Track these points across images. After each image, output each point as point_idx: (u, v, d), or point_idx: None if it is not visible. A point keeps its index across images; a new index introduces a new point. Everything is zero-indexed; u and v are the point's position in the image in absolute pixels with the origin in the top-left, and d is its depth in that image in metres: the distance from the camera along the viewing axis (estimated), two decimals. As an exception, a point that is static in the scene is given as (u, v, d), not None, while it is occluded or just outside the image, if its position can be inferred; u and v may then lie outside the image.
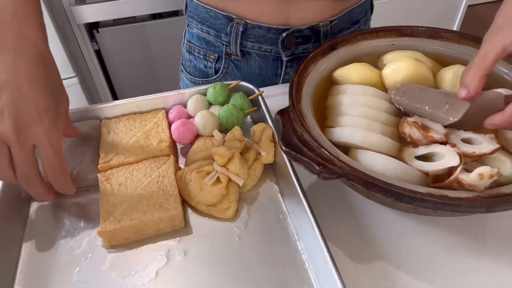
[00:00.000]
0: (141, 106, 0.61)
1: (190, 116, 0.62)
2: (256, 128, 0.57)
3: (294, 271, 0.45)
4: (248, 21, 0.67)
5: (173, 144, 0.59)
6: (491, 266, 0.46)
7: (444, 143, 0.44)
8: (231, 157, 0.52)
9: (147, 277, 0.45)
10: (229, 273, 0.46)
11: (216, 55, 0.74)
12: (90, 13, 1.37)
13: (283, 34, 0.68)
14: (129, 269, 0.46)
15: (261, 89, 0.63)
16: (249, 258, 0.47)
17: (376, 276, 0.46)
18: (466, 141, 0.45)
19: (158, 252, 0.48)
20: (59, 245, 0.49)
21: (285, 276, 0.45)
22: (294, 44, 0.70)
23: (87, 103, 1.53)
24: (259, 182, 0.55)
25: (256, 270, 0.46)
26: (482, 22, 2.55)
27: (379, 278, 0.45)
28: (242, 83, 0.63)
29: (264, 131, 0.56)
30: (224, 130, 0.59)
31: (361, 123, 0.48)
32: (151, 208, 0.48)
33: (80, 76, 1.47)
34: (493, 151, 0.43)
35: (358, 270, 0.46)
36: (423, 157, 0.45)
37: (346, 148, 0.47)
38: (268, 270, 0.46)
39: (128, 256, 0.48)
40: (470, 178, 0.39)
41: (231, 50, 0.72)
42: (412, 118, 0.48)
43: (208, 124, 0.58)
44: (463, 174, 0.40)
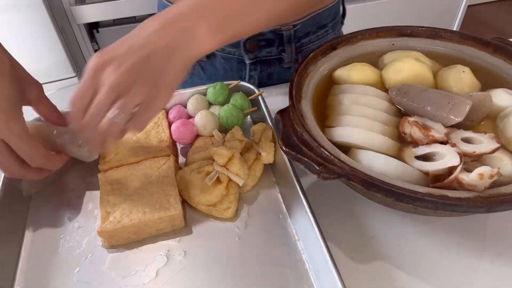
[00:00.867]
0: (141, 106, 0.61)
1: (190, 116, 0.62)
2: (256, 128, 0.56)
3: (294, 271, 0.45)
4: None
5: (173, 144, 0.59)
6: (491, 266, 0.46)
7: (444, 142, 0.44)
8: (231, 157, 0.52)
9: (147, 277, 0.45)
10: (229, 273, 0.46)
11: None
12: (90, 13, 1.37)
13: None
14: (129, 269, 0.46)
15: (261, 89, 0.63)
16: (249, 258, 0.47)
17: (376, 276, 0.46)
18: (466, 140, 0.45)
19: (158, 252, 0.48)
20: (59, 245, 0.49)
21: (285, 276, 0.45)
22: (257, 47, 0.70)
23: (87, 103, 1.52)
24: (259, 182, 0.55)
25: (256, 270, 0.46)
26: (482, 22, 2.56)
27: (379, 278, 0.45)
28: (242, 83, 0.63)
29: (264, 131, 0.56)
30: (224, 130, 0.59)
31: (361, 123, 0.48)
32: (151, 208, 0.48)
33: (80, 76, 1.47)
34: (493, 151, 0.43)
35: (358, 270, 0.46)
36: (423, 157, 0.45)
37: (346, 148, 0.47)
38: (268, 270, 0.46)
39: (128, 256, 0.48)
40: (470, 178, 0.39)
41: None
42: (412, 117, 0.48)
43: (208, 124, 0.58)
44: (463, 174, 0.40)
